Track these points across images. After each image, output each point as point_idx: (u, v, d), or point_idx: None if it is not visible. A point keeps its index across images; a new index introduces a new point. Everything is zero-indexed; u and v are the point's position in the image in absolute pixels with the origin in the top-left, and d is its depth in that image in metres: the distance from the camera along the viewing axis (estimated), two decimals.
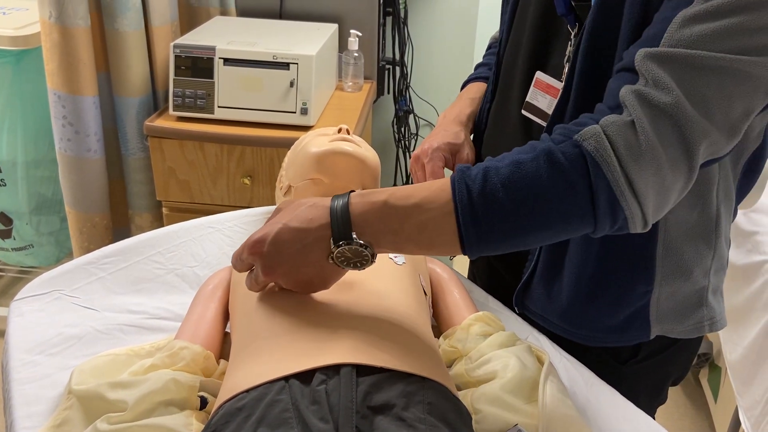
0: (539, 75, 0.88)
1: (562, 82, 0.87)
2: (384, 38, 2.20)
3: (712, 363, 2.04)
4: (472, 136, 1.10)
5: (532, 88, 0.90)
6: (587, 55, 0.80)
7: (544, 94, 0.88)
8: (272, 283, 0.81)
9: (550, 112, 0.88)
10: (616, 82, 0.72)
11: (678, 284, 0.91)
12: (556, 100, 0.87)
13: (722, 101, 0.67)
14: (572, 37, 0.84)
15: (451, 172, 0.97)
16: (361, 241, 0.71)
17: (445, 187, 0.71)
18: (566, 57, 0.85)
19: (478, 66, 1.21)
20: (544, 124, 0.89)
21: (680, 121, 0.67)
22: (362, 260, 0.73)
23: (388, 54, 2.24)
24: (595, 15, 0.79)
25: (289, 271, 0.76)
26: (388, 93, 2.28)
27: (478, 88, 1.14)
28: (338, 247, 0.71)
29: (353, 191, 0.74)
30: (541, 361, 0.86)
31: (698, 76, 0.67)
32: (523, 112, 0.91)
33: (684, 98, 0.66)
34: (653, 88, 0.67)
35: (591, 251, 0.89)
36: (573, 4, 0.83)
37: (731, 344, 1.83)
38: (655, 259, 0.88)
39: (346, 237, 0.71)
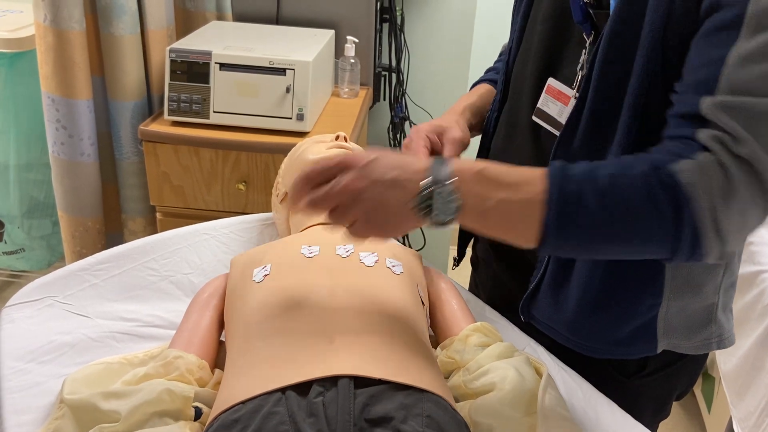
0: (551, 82, 0.88)
1: (573, 89, 0.86)
2: (380, 45, 2.20)
3: (705, 373, 2.04)
4: (481, 142, 1.09)
5: (543, 94, 0.89)
6: (604, 63, 0.79)
7: (554, 100, 0.88)
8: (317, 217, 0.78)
9: (560, 119, 0.87)
10: (684, 129, 0.72)
11: (687, 299, 0.90)
12: (566, 108, 0.86)
13: None
14: (587, 45, 0.84)
15: (438, 154, 0.95)
16: (454, 186, 0.70)
17: (542, 176, 0.71)
18: (579, 65, 0.84)
19: (488, 70, 1.20)
20: (554, 131, 0.88)
21: (759, 168, 0.68)
22: (446, 210, 0.70)
23: (385, 61, 2.24)
24: (614, 24, 0.78)
25: (375, 192, 0.71)
26: (384, 100, 2.27)
27: (486, 88, 1.14)
28: (429, 188, 0.70)
29: None
30: (539, 373, 0.86)
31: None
32: (534, 118, 0.90)
33: (759, 148, 0.67)
34: (731, 139, 0.68)
35: (600, 261, 0.88)
36: (591, 12, 0.83)
37: (725, 354, 1.83)
38: (663, 272, 0.87)
39: (444, 179, 0.70)
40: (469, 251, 1.20)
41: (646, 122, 0.79)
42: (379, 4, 2.08)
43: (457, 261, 1.18)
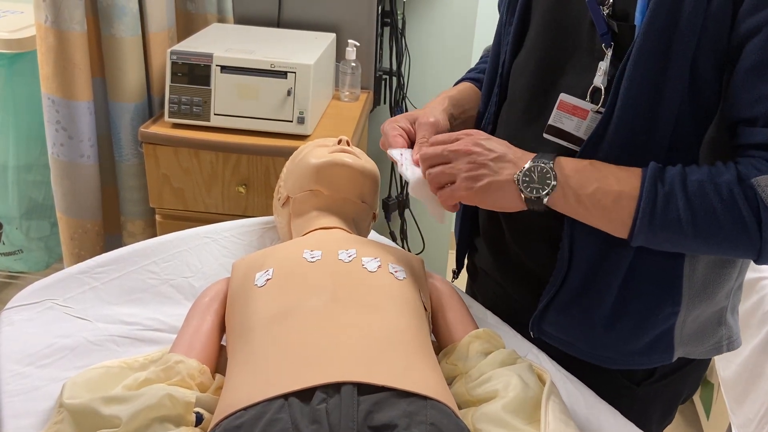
0: (564, 97, 0.87)
1: (586, 100, 0.85)
2: (381, 48, 2.20)
3: (704, 379, 2.04)
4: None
5: (556, 110, 0.87)
6: (633, 78, 0.79)
7: (569, 116, 0.87)
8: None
9: (577, 133, 0.87)
10: (757, 163, 0.76)
11: (704, 306, 0.90)
12: (584, 122, 0.86)
13: None
14: (606, 57, 0.83)
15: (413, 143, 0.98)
16: (552, 165, 0.80)
17: (638, 174, 0.79)
18: (600, 78, 0.83)
19: (469, 71, 1.19)
20: (569, 145, 0.87)
21: None
22: (543, 186, 0.80)
23: (386, 64, 2.24)
24: (644, 38, 0.78)
25: (485, 157, 0.83)
26: (385, 103, 2.27)
27: (466, 85, 1.13)
28: (533, 162, 0.81)
29: None
30: (542, 380, 0.85)
31: None
32: (546, 135, 0.89)
33: None
34: None
35: (618, 272, 0.87)
36: (615, 24, 0.82)
37: (724, 361, 1.83)
38: (681, 281, 0.87)
39: (545, 160, 0.81)
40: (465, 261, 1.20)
41: (679, 137, 0.80)
42: (380, 7, 2.08)
43: (456, 273, 1.17)
